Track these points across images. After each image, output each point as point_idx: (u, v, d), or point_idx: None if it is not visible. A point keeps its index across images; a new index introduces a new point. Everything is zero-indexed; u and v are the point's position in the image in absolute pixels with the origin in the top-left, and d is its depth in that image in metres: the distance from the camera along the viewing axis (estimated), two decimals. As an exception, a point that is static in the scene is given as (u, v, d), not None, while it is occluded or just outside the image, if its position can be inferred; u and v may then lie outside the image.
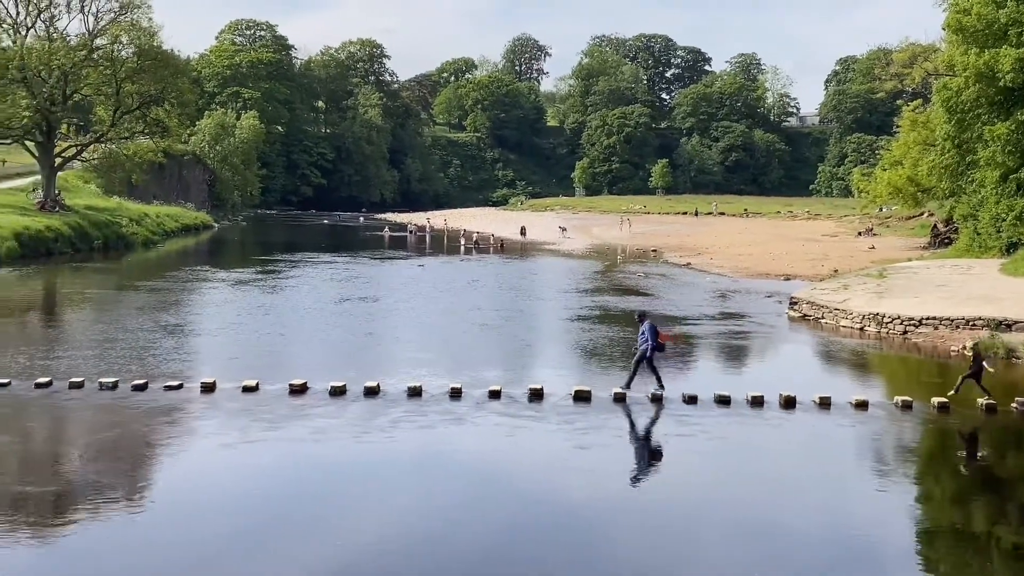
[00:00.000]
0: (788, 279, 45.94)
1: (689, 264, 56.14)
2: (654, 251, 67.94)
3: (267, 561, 11.40)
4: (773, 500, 14.29)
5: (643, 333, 20.24)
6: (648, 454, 16.34)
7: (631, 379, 20.08)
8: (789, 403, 19.49)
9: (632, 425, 17.83)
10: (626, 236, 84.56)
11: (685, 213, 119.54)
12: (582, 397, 19.29)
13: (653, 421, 18.12)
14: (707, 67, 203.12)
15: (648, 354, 20.08)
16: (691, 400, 19.37)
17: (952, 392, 19.88)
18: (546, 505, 13.74)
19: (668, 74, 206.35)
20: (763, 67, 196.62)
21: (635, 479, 15.08)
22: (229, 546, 11.80)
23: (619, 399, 19.33)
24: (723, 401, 19.43)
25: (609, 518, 13.31)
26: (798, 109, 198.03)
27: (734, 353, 27.46)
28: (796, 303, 34.01)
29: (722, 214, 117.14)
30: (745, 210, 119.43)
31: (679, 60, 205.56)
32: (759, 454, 16.78)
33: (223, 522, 12.56)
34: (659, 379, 20.00)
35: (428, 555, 11.68)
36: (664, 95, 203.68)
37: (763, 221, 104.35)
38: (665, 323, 31.46)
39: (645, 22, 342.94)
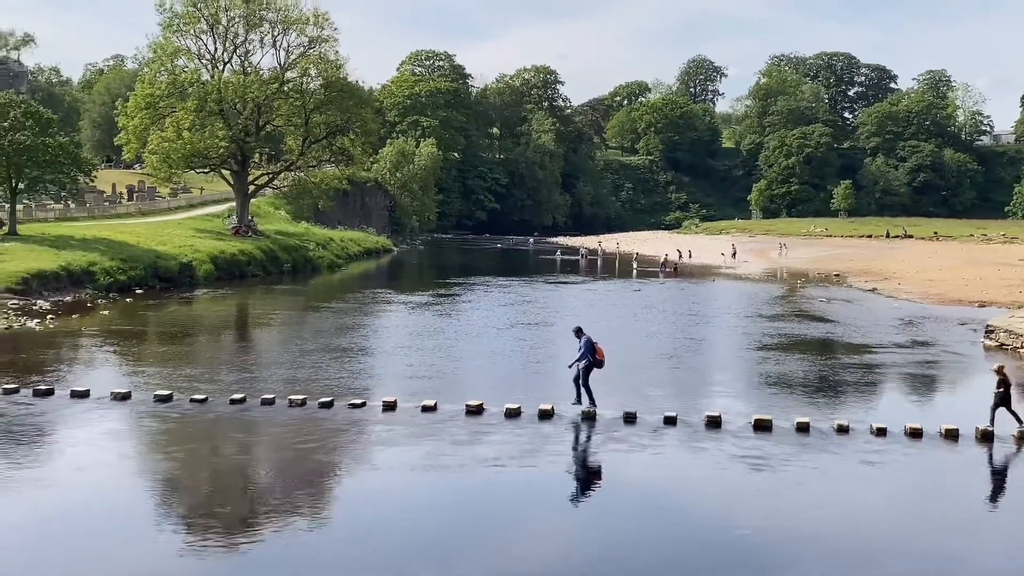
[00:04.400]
0: (983, 306, 43.32)
1: (875, 289, 53.82)
2: (837, 275, 65.59)
3: (445, 581, 11.52)
4: (963, 541, 13.40)
5: (580, 349, 19.91)
6: (831, 486, 15.61)
7: (589, 397, 19.62)
8: (986, 437, 18.34)
9: (815, 456, 17.10)
10: (786, 261, 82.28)
11: (870, 236, 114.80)
12: (762, 426, 18.69)
13: (837, 453, 17.32)
14: (892, 85, 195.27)
15: (584, 370, 19.72)
16: (880, 432, 18.44)
17: (989, 426, 18.53)
18: (721, 535, 13.32)
19: (851, 92, 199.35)
20: (953, 84, 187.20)
21: (816, 512, 14.40)
22: (403, 564, 11.97)
23: (802, 428, 18.61)
24: (915, 434, 18.43)
25: (785, 551, 12.79)
26: (992, 127, 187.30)
27: (926, 383, 26.06)
28: (992, 331, 31.98)
29: (910, 236, 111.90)
30: (935, 233, 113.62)
31: (863, 78, 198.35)
32: (951, 490, 15.81)
33: (398, 540, 12.75)
34: (591, 397, 19.57)
35: (604, 583, 11.52)
36: (847, 114, 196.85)
37: (954, 245, 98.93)
38: (851, 351, 30.22)
39: (826, 40, 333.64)
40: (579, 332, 20.49)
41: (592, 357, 19.86)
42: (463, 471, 15.85)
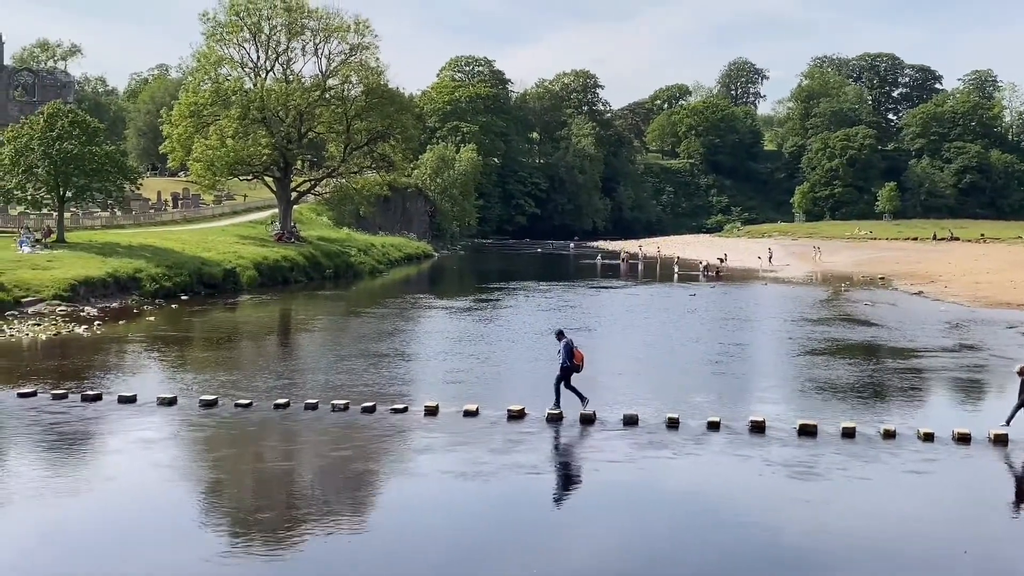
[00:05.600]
0: (1033, 309, 42.58)
1: (921, 292, 53.11)
2: (882, 278, 64.82)
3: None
4: (1019, 550, 13.13)
5: (559, 352, 20.09)
6: (879, 493, 15.38)
7: (579, 396, 19.78)
8: (1039, 443, 18.01)
9: (861, 461, 16.86)
10: (829, 264, 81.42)
11: (916, 238, 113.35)
12: (807, 431, 18.48)
13: (884, 458, 17.08)
14: (937, 85, 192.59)
15: (563, 373, 19.93)
16: (928, 437, 18.17)
17: (1005, 425, 18.48)
18: (765, 539, 13.18)
19: (895, 94, 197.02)
20: (1000, 84, 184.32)
21: (863, 518, 14.19)
22: (441, 570, 11.99)
23: (848, 433, 18.37)
24: (963, 439, 18.14)
25: (831, 555, 12.62)
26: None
27: (974, 388, 25.61)
28: (1044, 335, 31.42)
29: (956, 239, 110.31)
30: (982, 235, 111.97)
31: (907, 79, 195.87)
32: (1002, 497, 15.51)
33: (438, 546, 12.76)
34: (580, 395, 19.74)
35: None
36: (891, 115, 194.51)
37: (1002, 247, 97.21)
38: (897, 355, 29.84)
39: (869, 41, 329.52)
40: (560, 335, 20.77)
41: (570, 361, 19.99)
42: (503, 477, 15.83)
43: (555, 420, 19.29)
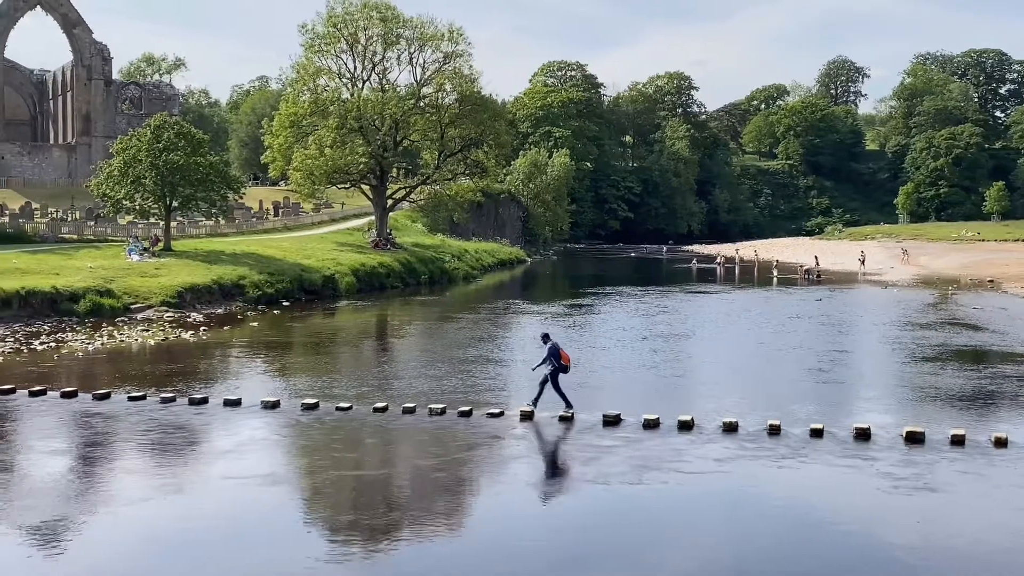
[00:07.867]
0: None
1: (1032, 295, 51.08)
2: (991, 281, 62.54)
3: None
4: None
5: (545, 355, 20.32)
6: (987, 502, 14.80)
7: (564, 401, 20.03)
8: None
9: (970, 470, 16.25)
10: (936, 267, 78.84)
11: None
12: (914, 439, 17.90)
13: (996, 469, 16.42)
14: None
15: (552, 376, 20.11)
16: (1043, 447, 17.45)
17: None
18: (870, 554, 12.78)
19: (1002, 90, 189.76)
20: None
21: (971, 529, 13.67)
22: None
23: (957, 441, 17.74)
24: (1082, 449, 17.36)
25: (936, 569, 12.16)
26: None
27: (1093, 395, 24.47)
28: None
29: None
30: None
31: (1015, 75, 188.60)
32: None
33: (533, 554, 12.69)
34: (566, 400, 19.97)
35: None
36: (998, 113, 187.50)
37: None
38: (1007, 360, 28.76)
39: (974, 37, 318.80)
40: (546, 338, 21.11)
41: (557, 362, 20.22)
42: (599, 484, 15.71)
43: (528, 418, 19.60)
